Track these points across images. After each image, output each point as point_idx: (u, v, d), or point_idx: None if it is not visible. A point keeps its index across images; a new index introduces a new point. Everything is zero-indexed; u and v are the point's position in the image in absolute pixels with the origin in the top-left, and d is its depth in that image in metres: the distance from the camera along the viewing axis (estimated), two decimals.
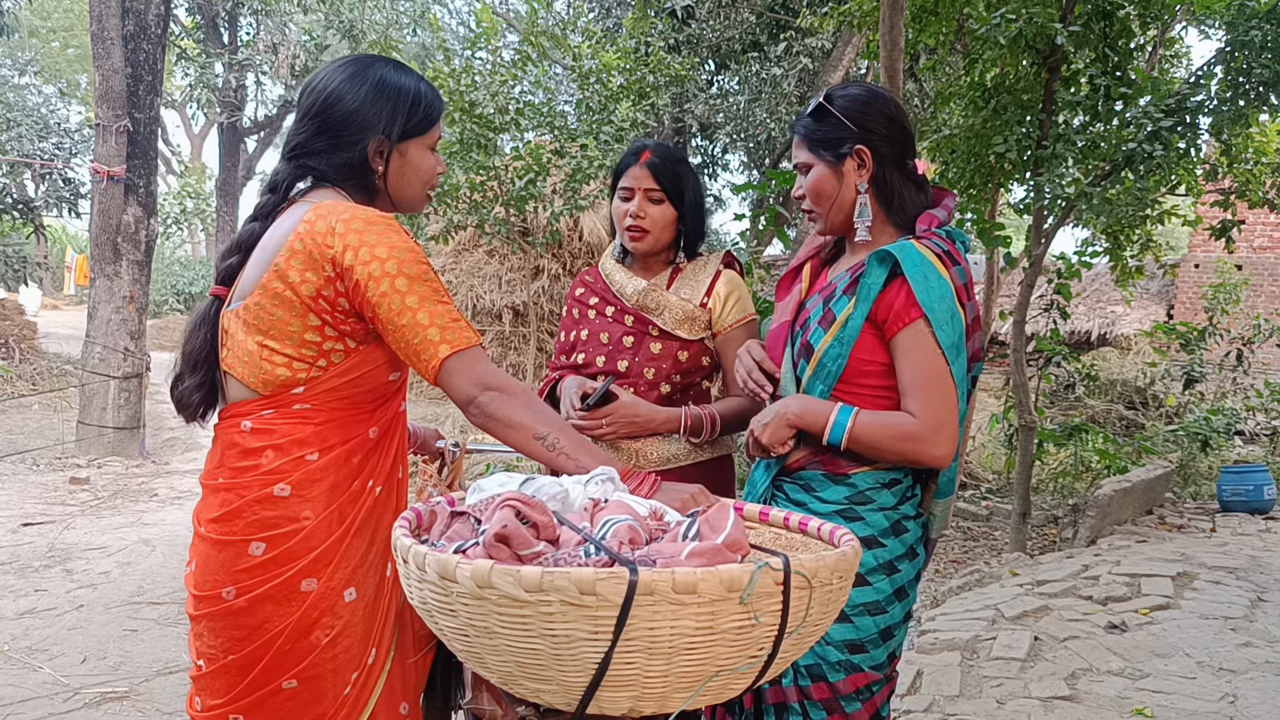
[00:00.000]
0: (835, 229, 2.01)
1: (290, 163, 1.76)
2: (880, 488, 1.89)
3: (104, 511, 7.07)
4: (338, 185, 1.76)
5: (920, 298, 1.79)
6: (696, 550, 1.22)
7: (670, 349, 2.45)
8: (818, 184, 1.96)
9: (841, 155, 1.92)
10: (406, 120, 1.75)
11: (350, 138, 1.72)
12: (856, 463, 1.88)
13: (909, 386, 1.82)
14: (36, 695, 3.68)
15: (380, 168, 1.76)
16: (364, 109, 1.72)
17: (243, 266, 1.72)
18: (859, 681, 1.86)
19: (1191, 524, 7.21)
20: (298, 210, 1.69)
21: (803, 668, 1.85)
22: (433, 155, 1.83)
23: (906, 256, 1.81)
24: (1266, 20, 5.42)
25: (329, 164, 1.74)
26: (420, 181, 1.82)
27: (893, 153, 1.94)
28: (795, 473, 1.95)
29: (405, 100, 1.75)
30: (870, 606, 1.86)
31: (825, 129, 1.94)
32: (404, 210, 1.86)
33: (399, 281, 1.60)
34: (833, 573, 1.23)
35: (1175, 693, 3.62)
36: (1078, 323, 15.95)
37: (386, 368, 1.73)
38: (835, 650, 1.85)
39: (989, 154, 6.26)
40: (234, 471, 1.67)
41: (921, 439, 1.80)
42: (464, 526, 1.34)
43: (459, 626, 1.19)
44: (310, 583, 1.64)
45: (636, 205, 2.44)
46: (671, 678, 1.16)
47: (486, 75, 9.55)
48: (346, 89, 1.72)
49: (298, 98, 1.80)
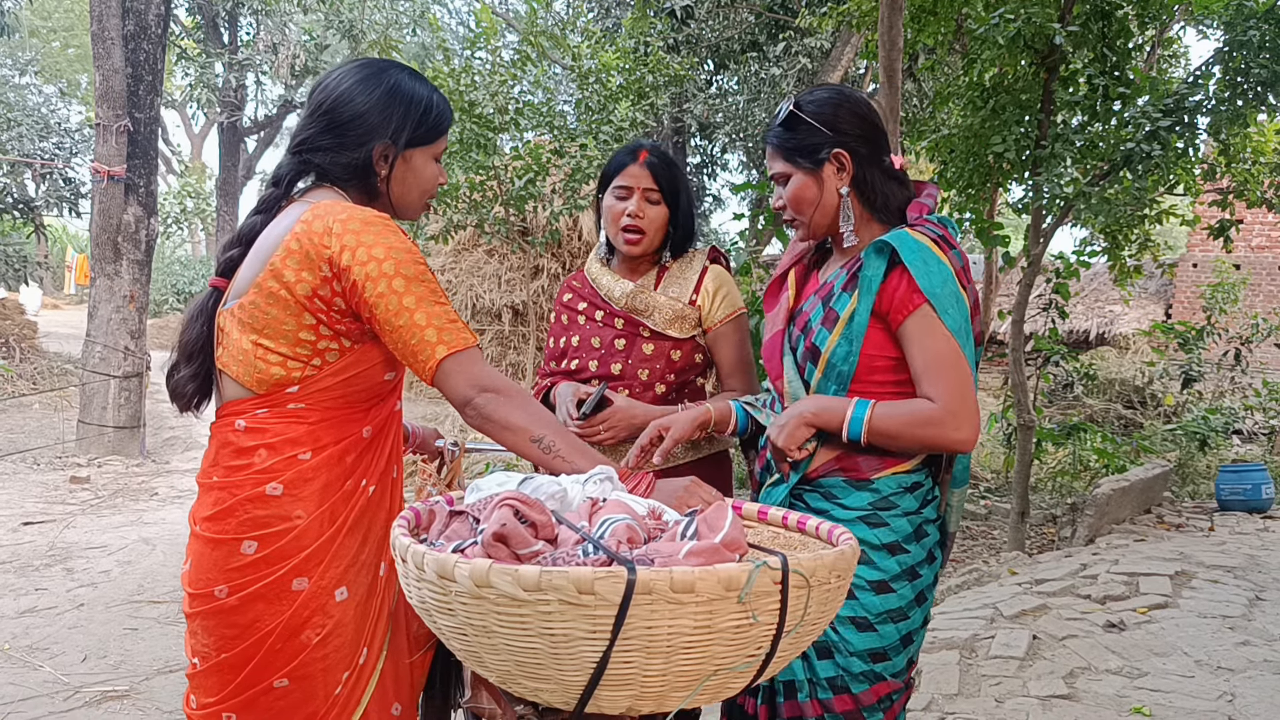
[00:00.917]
0: (819, 234, 1.98)
1: (295, 157, 1.76)
2: (903, 491, 1.85)
3: (104, 510, 7.07)
4: (339, 184, 1.76)
5: (922, 283, 1.76)
6: (694, 549, 1.22)
7: (663, 349, 2.43)
8: (798, 192, 1.91)
9: (819, 161, 1.89)
10: (415, 128, 1.76)
11: (357, 138, 1.73)
12: (878, 467, 1.84)
13: (922, 372, 1.78)
14: (37, 694, 3.69)
15: (384, 172, 1.77)
16: (374, 112, 1.73)
17: (243, 259, 1.73)
18: (881, 691, 1.82)
19: (1190, 523, 7.22)
20: (295, 210, 1.70)
21: (824, 680, 1.81)
22: (436, 165, 1.84)
23: (903, 244, 1.78)
24: (1264, 20, 5.42)
25: (333, 162, 1.74)
26: (420, 190, 1.83)
27: (869, 151, 1.90)
28: (815, 480, 1.90)
29: (416, 108, 1.76)
30: (894, 614, 1.82)
31: (799, 137, 1.90)
32: (401, 217, 1.86)
33: (396, 282, 1.60)
34: (830, 571, 1.22)
35: (1173, 691, 3.62)
36: (1076, 322, 15.96)
37: (382, 367, 1.73)
38: (859, 660, 1.80)
39: (987, 153, 6.27)
40: (227, 470, 1.67)
41: (941, 423, 1.75)
42: (462, 526, 1.34)
43: (457, 626, 1.19)
44: (301, 582, 1.64)
45: (635, 205, 2.39)
46: (670, 677, 1.16)
47: (486, 75, 9.55)
48: (359, 90, 1.73)
49: (309, 93, 1.81)
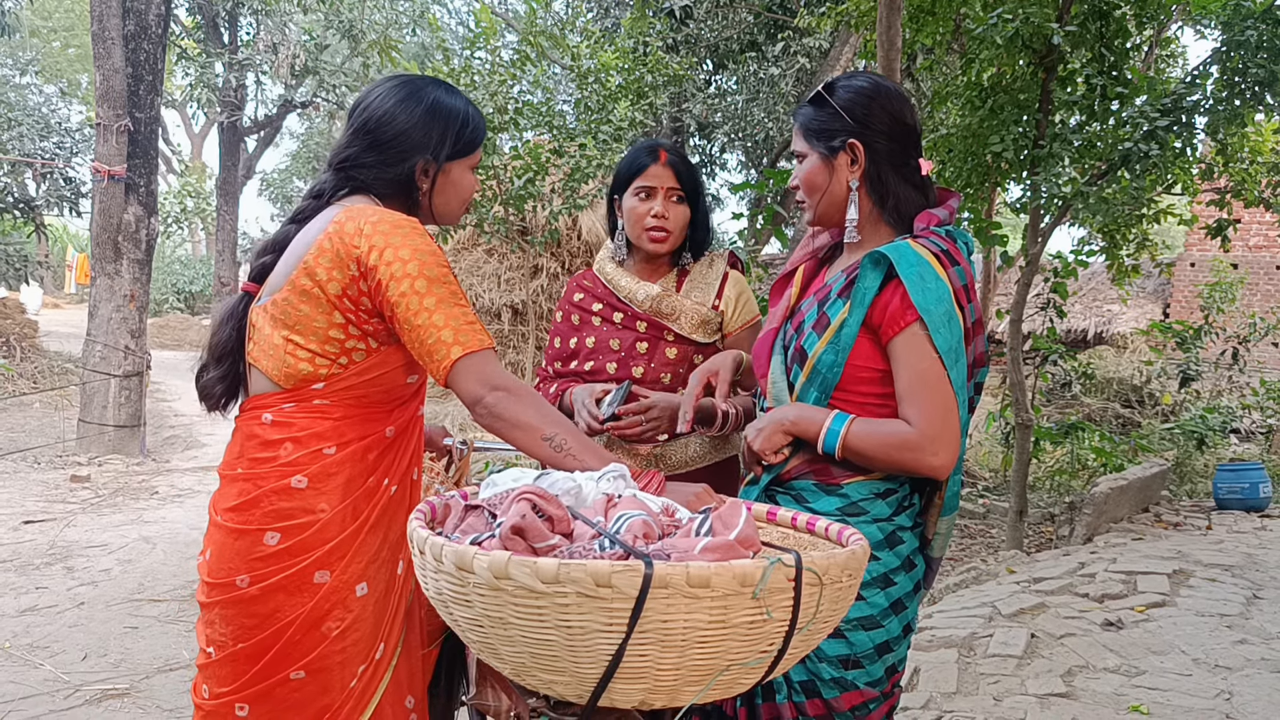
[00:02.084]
0: (824, 222, 1.93)
1: (338, 174, 1.82)
2: (874, 498, 1.79)
3: (105, 509, 7.07)
4: (382, 199, 1.82)
5: (916, 300, 1.69)
6: (710, 545, 1.23)
7: (686, 353, 2.41)
8: (810, 175, 1.88)
9: (834, 148, 1.84)
10: (455, 142, 1.82)
11: (399, 155, 1.79)
12: (850, 472, 1.79)
13: (905, 393, 1.73)
14: (38, 692, 3.69)
15: (425, 186, 1.83)
16: (415, 130, 1.79)
17: (275, 265, 1.77)
18: (854, 699, 1.77)
19: (1187, 522, 7.24)
20: (329, 212, 1.75)
21: (797, 683, 1.76)
22: (473, 175, 1.90)
23: (901, 257, 1.72)
24: (1262, 20, 5.44)
25: (376, 178, 1.81)
26: (460, 199, 1.90)
27: (891, 150, 1.83)
28: (787, 483, 1.86)
29: (455, 123, 1.82)
30: (864, 621, 1.76)
31: (821, 119, 1.86)
32: (442, 223, 1.94)
33: (419, 283, 1.64)
34: (843, 570, 1.24)
35: (1171, 690, 3.64)
36: (1074, 321, 15.99)
37: (404, 370, 1.77)
38: (829, 666, 1.76)
39: (986, 153, 6.28)
40: (253, 462, 1.71)
41: (918, 448, 1.70)
42: (478, 520, 1.36)
43: (474, 617, 1.20)
44: (323, 575, 1.67)
45: (661, 205, 2.36)
46: (683, 671, 1.17)
47: (485, 75, 9.55)
48: (400, 110, 1.79)
49: (349, 112, 1.86)
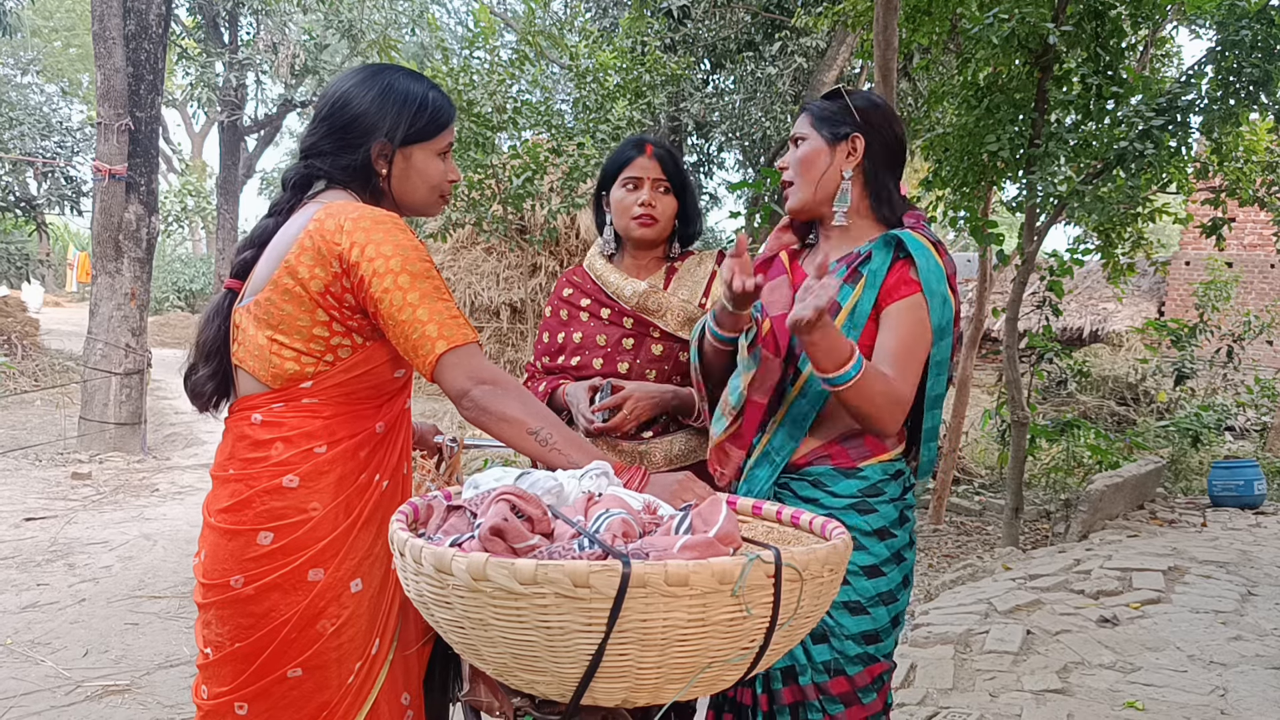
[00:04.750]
0: (807, 205, 2.01)
1: (302, 161, 1.82)
2: (889, 479, 1.92)
3: (105, 506, 7.09)
4: (345, 186, 1.80)
5: (922, 275, 1.85)
6: (689, 543, 1.23)
7: (672, 350, 2.44)
8: (809, 154, 1.99)
9: (838, 136, 1.97)
10: (410, 124, 1.78)
11: (355, 140, 1.77)
12: (865, 455, 1.91)
13: (888, 354, 1.82)
14: (39, 688, 3.71)
15: (384, 170, 1.80)
16: (370, 112, 1.77)
17: (256, 261, 1.77)
18: (875, 671, 1.89)
19: (1182, 519, 7.27)
20: (309, 209, 1.74)
21: (820, 664, 1.86)
22: (441, 161, 1.85)
23: (910, 240, 1.89)
24: (1256, 20, 5.44)
25: (335, 165, 1.79)
26: (427, 186, 1.84)
27: (885, 157, 1.99)
28: (803, 469, 1.94)
29: (410, 105, 1.78)
30: (885, 596, 1.89)
31: (832, 110, 2.00)
32: (412, 214, 1.89)
33: (401, 278, 1.63)
34: (823, 565, 1.24)
35: (1166, 686, 3.66)
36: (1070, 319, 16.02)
37: (390, 365, 1.77)
38: (854, 644, 1.86)
39: (982, 152, 6.29)
40: (244, 463, 1.71)
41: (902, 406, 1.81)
42: (460, 520, 1.36)
43: (454, 619, 1.20)
44: (317, 572, 1.68)
45: (647, 194, 2.43)
46: (664, 669, 1.18)
47: (484, 74, 9.54)
48: (355, 92, 1.78)
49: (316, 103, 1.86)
